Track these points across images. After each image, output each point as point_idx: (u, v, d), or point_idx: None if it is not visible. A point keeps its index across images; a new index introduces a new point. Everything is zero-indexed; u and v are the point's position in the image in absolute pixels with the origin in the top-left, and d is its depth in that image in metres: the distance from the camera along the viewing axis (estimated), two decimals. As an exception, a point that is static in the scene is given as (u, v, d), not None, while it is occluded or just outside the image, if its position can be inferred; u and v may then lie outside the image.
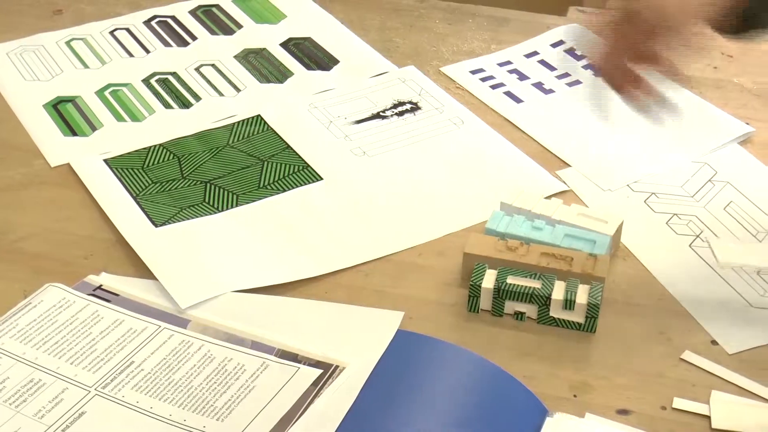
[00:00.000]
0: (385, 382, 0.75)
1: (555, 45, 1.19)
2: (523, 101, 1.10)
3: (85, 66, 1.15)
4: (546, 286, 0.81)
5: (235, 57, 1.17)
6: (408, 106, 1.08)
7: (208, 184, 0.97)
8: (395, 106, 1.08)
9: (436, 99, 1.09)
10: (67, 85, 1.12)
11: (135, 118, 1.07)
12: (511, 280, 0.82)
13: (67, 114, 1.07)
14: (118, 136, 1.04)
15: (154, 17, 1.24)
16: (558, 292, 0.81)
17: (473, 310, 0.83)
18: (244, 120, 1.06)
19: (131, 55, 1.17)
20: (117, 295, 0.84)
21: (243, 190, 0.96)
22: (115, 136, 1.04)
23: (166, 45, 1.19)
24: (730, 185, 0.97)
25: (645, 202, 0.95)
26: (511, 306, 0.82)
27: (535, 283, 0.81)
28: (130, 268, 0.87)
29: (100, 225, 0.92)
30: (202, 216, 0.93)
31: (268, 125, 1.05)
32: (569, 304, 0.80)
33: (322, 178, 0.98)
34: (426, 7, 1.27)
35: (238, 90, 1.11)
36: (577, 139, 1.03)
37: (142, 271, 0.86)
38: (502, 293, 0.81)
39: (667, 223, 0.93)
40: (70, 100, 1.10)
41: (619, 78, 0.80)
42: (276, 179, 0.98)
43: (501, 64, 1.16)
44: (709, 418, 0.74)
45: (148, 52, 1.18)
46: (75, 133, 1.05)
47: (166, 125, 1.06)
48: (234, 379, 0.76)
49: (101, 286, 0.85)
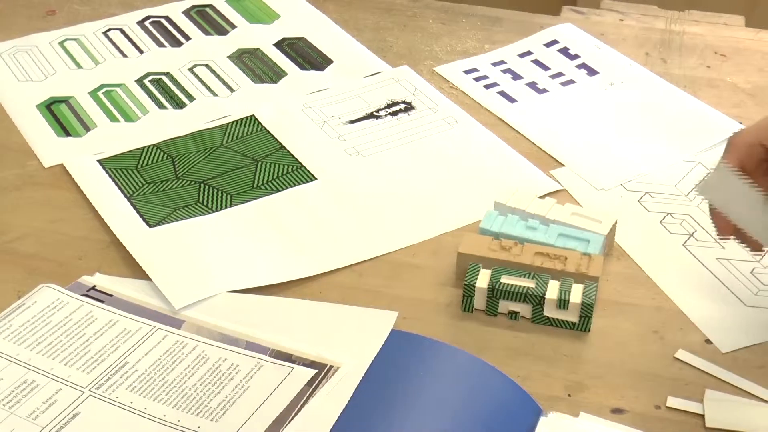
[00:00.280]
0: (379, 382, 0.75)
1: (548, 45, 1.19)
2: (516, 101, 1.10)
3: (79, 66, 1.15)
4: (540, 286, 0.81)
5: (228, 57, 1.17)
6: (402, 106, 1.08)
7: (202, 185, 0.97)
8: (389, 106, 1.08)
9: (429, 99, 1.09)
10: (60, 85, 1.12)
11: (129, 118, 1.07)
12: (505, 279, 0.82)
13: (60, 114, 1.07)
14: (112, 137, 1.04)
15: (148, 17, 1.24)
16: (552, 291, 0.81)
17: (467, 309, 0.83)
18: (237, 120, 1.06)
19: (125, 55, 1.17)
20: (111, 295, 0.84)
21: (237, 190, 0.96)
22: (108, 136, 1.04)
23: (160, 45, 1.19)
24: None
25: (639, 201, 0.95)
26: (505, 305, 0.82)
27: (529, 283, 0.82)
28: (124, 268, 0.87)
29: (93, 225, 0.92)
30: (196, 216, 0.93)
31: (262, 125, 1.05)
32: (563, 303, 0.80)
33: (316, 178, 0.98)
34: (419, 6, 1.27)
35: (231, 90, 1.11)
36: (571, 139, 1.03)
37: (136, 271, 0.86)
38: (496, 293, 0.81)
39: (660, 222, 0.93)
40: (64, 100, 1.09)
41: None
42: (270, 179, 0.98)
43: (495, 64, 1.16)
44: (702, 416, 0.74)
45: (141, 52, 1.18)
46: (68, 134, 1.04)
47: (159, 125, 1.06)
48: (228, 379, 0.76)
49: (95, 286, 0.85)
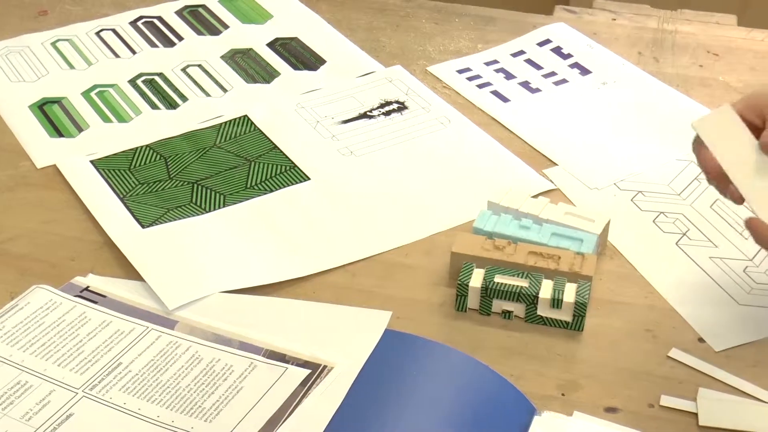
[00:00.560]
0: (373, 382, 0.75)
1: (541, 44, 1.19)
2: (509, 100, 1.10)
3: (71, 67, 1.15)
4: (533, 285, 0.81)
5: (221, 57, 1.17)
6: (395, 106, 1.08)
7: (195, 185, 0.97)
8: (382, 106, 1.08)
9: (422, 98, 1.09)
10: (53, 86, 1.12)
11: (121, 119, 1.07)
12: (498, 279, 0.82)
13: (53, 115, 1.07)
14: (105, 137, 1.04)
15: (140, 18, 1.24)
16: (545, 290, 0.81)
17: (461, 309, 0.83)
18: (231, 120, 1.06)
19: (117, 55, 1.17)
20: (104, 296, 0.84)
21: (230, 190, 0.96)
22: (101, 137, 1.04)
23: (153, 46, 1.19)
24: (716, 183, 0.97)
25: (632, 200, 0.95)
26: (498, 305, 0.82)
27: (522, 282, 0.82)
28: (118, 269, 0.87)
29: (87, 226, 0.92)
30: (189, 217, 0.93)
31: (255, 125, 1.05)
32: (557, 302, 0.81)
33: (309, 178, 0.98)
34: (412, 6, 1.27)
35: (224, 90, 1.11)
36: (564, 138, 1.04)
37: (130, 272, 0.86)
38: (489, 292, 0.82)
39: (653, 221, 0.93)
40: (56, 101, 1.09)
41: None
42: (263, 179, 0.98)
43: (488, 64, 1.16)
44: (696, 415, 0.74)
45: (134, 52, 1.17)
46: (61, 135, 1.04)
47: (152, 126, 1.05)
48: (222, 379, 0.76)
49: (88, 287, 0.85)
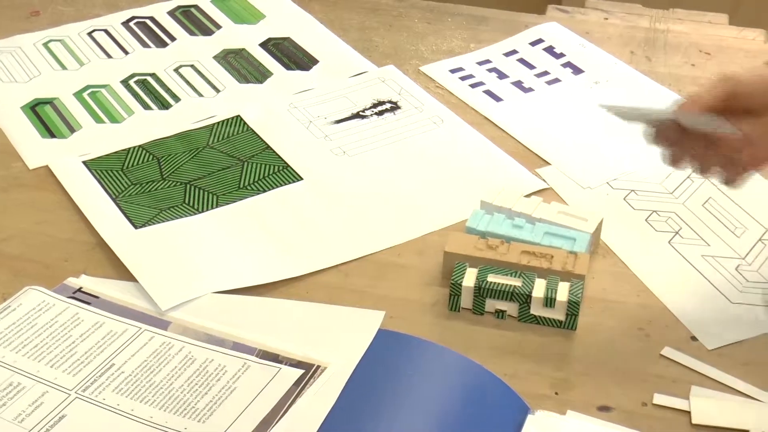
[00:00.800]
0: (366, 382, 0.75)
1: (534, 44, 1.19)
2: (502, 100, 1.10)
3: (63, 67, 1.15)
4: (526, 284, 0.81)
5: (214, 57, 1.17)
6: (388, 106, 1.08)
7: (188, 185, 0.97)
8: (375, 106, 1.08)
9: (415, 98, 1.09)
10: (45, 86, 1.11)
11: (114, 119, 1.07)
12: (491, 278, 0.82)
13: (45, 116, 1.07)
14: (97, 138, 1.04)
15: (133, 18, 1.24)
16: (538, 290, 0.81)
17: (454, 308, 0.83)
18: (223, 120, 1.06)
19: (109, 56, 1.17)
20: (97, 297, 0.84)
21: (223, 190, 0.96)
22: (93, 137, 1.04)
23: (145, 46, 1.19)
24: (708, 182, 0.97)
25: (624, 199, 0.96)
26: (491, 304, 0.82)
27: (515, 281, 0.82)
28: (110, 270, 0.87)
29: (79, 227, 0.92)
30: (182, 217, 0.93)
31: (248, 125, 1.05)
32: (550, 301, 0.81)
33: (302, 178, 0.98)
34: (405, 6, 1.27)
35: (217, 90, 1.11)
36: (557, 138, 1.04)
37: (123, 273, 0.86)
38: (482, 291, 0.82)
39: (646, 220, 0.93)
40: (48, 101, 1.09)
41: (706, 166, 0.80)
42: (256, 179, 0.98)
43: (480, 63, 1.16)
44: (689, 413, 0.74)
45: (126, 53, 1.17)
46: (53, 135, 1.04)
47: (145, 126, 1.05)
48: (215, 380, 0.76)
49: (81, 288, 0.85)
